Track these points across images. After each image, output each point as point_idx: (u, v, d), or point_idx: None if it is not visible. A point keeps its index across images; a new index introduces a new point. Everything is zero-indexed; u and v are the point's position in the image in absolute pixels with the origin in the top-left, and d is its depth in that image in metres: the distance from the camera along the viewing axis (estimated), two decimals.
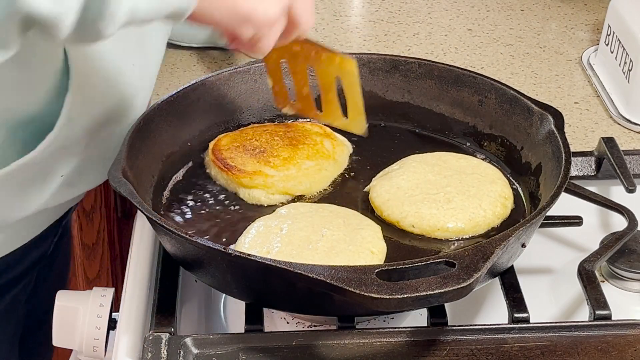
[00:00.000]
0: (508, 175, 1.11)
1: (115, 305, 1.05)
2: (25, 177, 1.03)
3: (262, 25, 0.93)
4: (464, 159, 1.12)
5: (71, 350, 1.18)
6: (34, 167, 1.03)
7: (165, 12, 0.87)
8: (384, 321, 1.01)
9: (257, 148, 1.11)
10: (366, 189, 1.09)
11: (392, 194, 1.05)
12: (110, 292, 1.06)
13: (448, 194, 1.04)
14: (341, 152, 1.13)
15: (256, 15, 0.92)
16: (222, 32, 0.95)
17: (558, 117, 1.08)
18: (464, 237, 1.02)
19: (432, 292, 0.83)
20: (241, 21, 0.92)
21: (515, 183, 1.10)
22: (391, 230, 1.03)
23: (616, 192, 1.16)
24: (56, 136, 1.02)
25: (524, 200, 1.08)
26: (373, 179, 1.10)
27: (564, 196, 0.99)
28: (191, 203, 1.07)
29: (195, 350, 0.90)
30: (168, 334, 0.91)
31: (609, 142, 1.17)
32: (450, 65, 1.19)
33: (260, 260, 0.88)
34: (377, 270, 0.85)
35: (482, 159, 1.13)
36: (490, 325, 0.94)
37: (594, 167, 1.19)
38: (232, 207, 1.07)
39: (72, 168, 1.08)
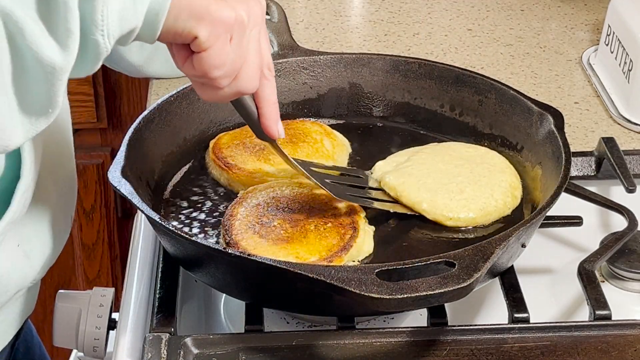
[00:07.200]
0: None
1: (115, 305, 1.05)
2: None
3: (217, 24, 0.85)
4: (472, 148, 1.12)
5: (71, 350, 1.18)
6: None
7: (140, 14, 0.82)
8: (384, 321, 1.01)
9: (257, 146, 1.11)
10: (371, 172, 1.10)
11: (406, 178, 1.06)
12: (110, 292, 1.06)
13: (460, 184, 1.05)
14: (340, 152, 1.13)
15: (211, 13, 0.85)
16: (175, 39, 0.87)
17: (558, 117, 1.08)
18: (476, 226, 1.03)
19: (432, 292, 0.83)
20: (196, 19, 0.85)
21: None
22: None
23: (616, 192, 1.16)
24: (27, 186, 0.96)
25: (523, 200, 1.08)
26: (378, 162, 1.11)
27: (564, 196, 0.99)
28: (191, 202, 1.07)
29: (195, 350, 0.90)
30: (168, 334, 0.91)
31: (609, 142, 1.17)
32: (450, 65, 1.19)
33: (260, 260, 0.88)
34: (377, 270, 0.85)
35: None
36: (490, 325, 0.94)
37: (594, 167, 1.19)
38: None
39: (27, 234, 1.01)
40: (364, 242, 1.00)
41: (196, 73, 0.88)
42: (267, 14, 1.28)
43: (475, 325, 0.94)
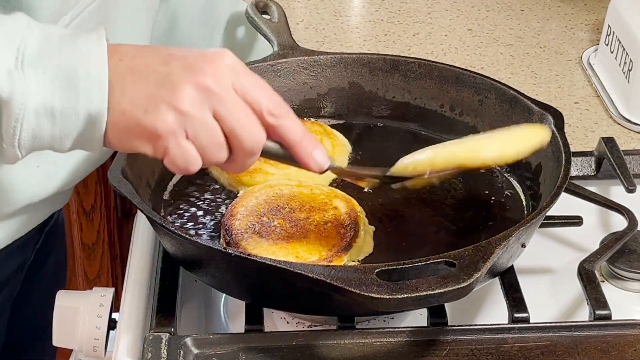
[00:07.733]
0: (507, 175, 1.11)
1: (115, 305, 1.05)
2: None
3: (155, 137, 0.82)
4: None
5: (71, 350, 1.18)
6: None
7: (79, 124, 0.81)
8: (384, 321, 1.01)
9: None
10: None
11: (433, 149, 1.00)
12: (110, 292, 1.06)
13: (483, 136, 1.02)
14: (340, 152, 1.13)
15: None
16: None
17: (558, 117, 1.08)
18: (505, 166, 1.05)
19: (432, 292, 0.83)
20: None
21: (515, 183, 1.10)
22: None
23: (616, 192, 1.16)
24: None
25: (523, 200, 1.08)
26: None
27: (564, 196, 0.99)
28: (191, 202, 1.07)
29: (195, 350, 0.90)
30: (168, 334, 0.91)
31: (609, 142, 1.17)
32: (450, 65, 1.19)
33: (260, 260, 0.88)
34: (377, 270, 0.86)
35: None
36: (490, 325, 0.94)
37: (594, 167, 1.19)
38: None
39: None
40: (364, 242, 1.00)
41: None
42: (267, 13, 1.28)
43: (475, 325, 0.94)
